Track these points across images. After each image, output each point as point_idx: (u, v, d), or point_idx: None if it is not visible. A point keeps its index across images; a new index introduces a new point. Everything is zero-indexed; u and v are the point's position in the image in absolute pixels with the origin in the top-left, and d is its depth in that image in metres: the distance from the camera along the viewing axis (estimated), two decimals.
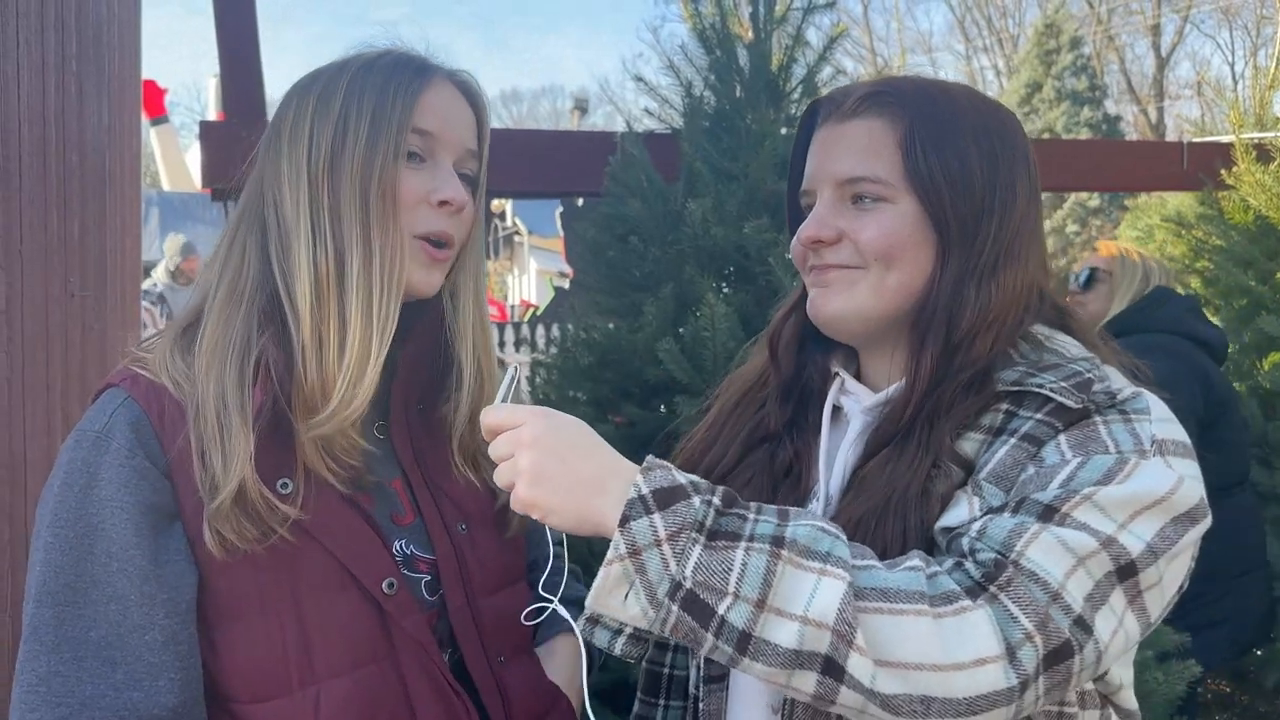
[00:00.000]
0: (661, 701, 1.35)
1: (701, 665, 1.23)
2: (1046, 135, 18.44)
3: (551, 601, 1.06)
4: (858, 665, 0.88)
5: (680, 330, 2.36)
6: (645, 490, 0.93)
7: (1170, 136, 22.21)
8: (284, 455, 1.09)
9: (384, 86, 1.14)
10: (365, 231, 1.11)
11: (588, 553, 1.85)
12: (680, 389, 2.28)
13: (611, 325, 2.63)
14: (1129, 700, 1.12)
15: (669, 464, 0.97)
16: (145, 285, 8.45)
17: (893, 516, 1.05)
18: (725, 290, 2.46)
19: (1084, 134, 19.18)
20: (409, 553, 1.17)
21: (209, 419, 1.06)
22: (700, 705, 1.22)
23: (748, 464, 1.22)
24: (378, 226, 1.11)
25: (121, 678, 1.02)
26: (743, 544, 0.91)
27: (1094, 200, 19.01)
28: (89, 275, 2.74)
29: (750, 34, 2.73)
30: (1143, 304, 3.05)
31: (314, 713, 1.08)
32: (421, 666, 1.13)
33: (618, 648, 0.97)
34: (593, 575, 0.94)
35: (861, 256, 1.13)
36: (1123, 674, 1.10)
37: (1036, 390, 1.06)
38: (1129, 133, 22.41)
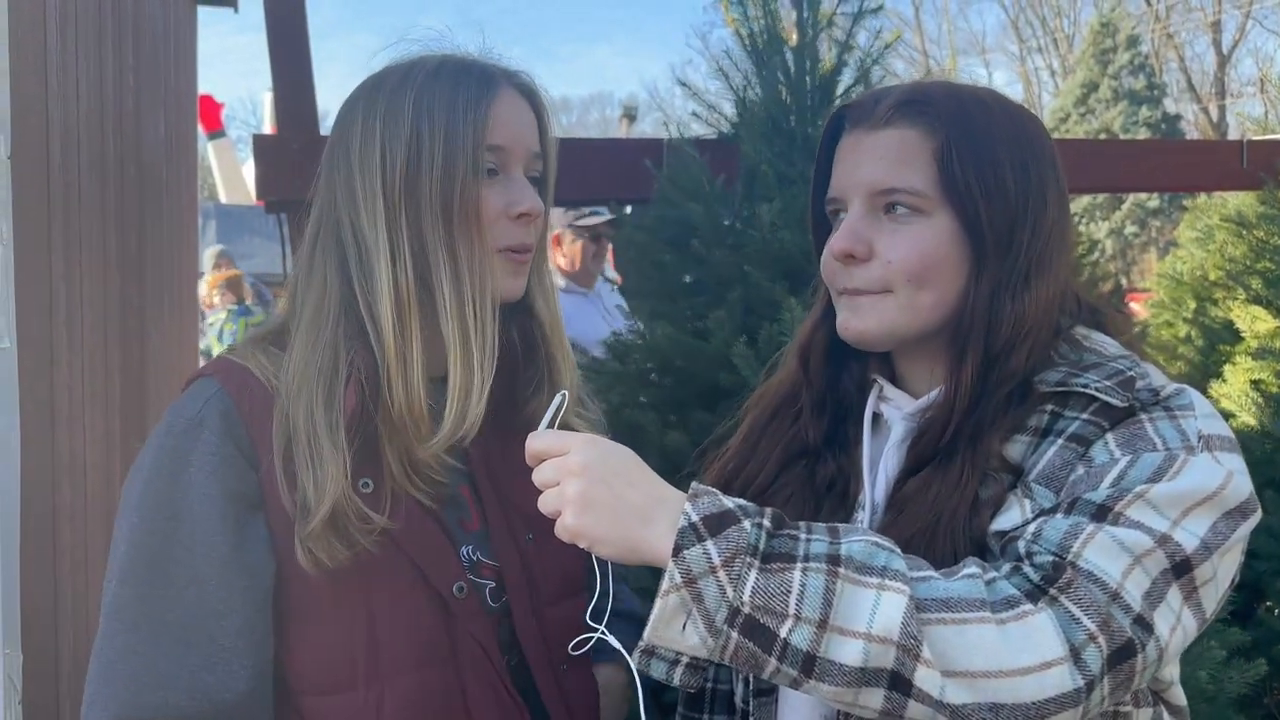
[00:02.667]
0: (705, 716, 1.33)
1: (751, 678, 1.22)
2: (1103, 135, 18.12)
3: (599, 630, 1.05)
4: (925, 678, 0.87)
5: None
6: (695, 517, 0.92)
7: (1233, 135, 21.72)
8: (367, 458, 1.11)
9: (453, 102, 1.13)
10: (451, 249, 1.12)
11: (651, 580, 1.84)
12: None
13: (660, 330, 2.62)
14: (1179, 696, 1.11)
15: (714, 490, 0.97)
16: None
17: (943, 537, 1.04)
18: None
19: (1142, 133, 18.83)
20: (475, 559, 1.18)
21: (300, 442, 1.08)
22: (751, 718, 1.21)
23: (786, 480, 1.21)
24: (463, 244, 1.12)
25: (196, 660, 1.05)
26: (799, 565, 0.91)
27: (1153, 201, 18.65)
28: (146, 286, 2.80)
29: (795, 38, 2.72)
30: None
31: (377, 710, 1.10)
32: (481, 671, 1.14)
33: (676, 678, 0.95)
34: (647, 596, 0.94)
35: (891, 278, 1.11)
36: (1172, 670, 1.09)
37: (1081, 390, 1.05)
38: (1189, 132, 21.97)
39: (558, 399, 1.07)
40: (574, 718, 1.20)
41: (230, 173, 14.82)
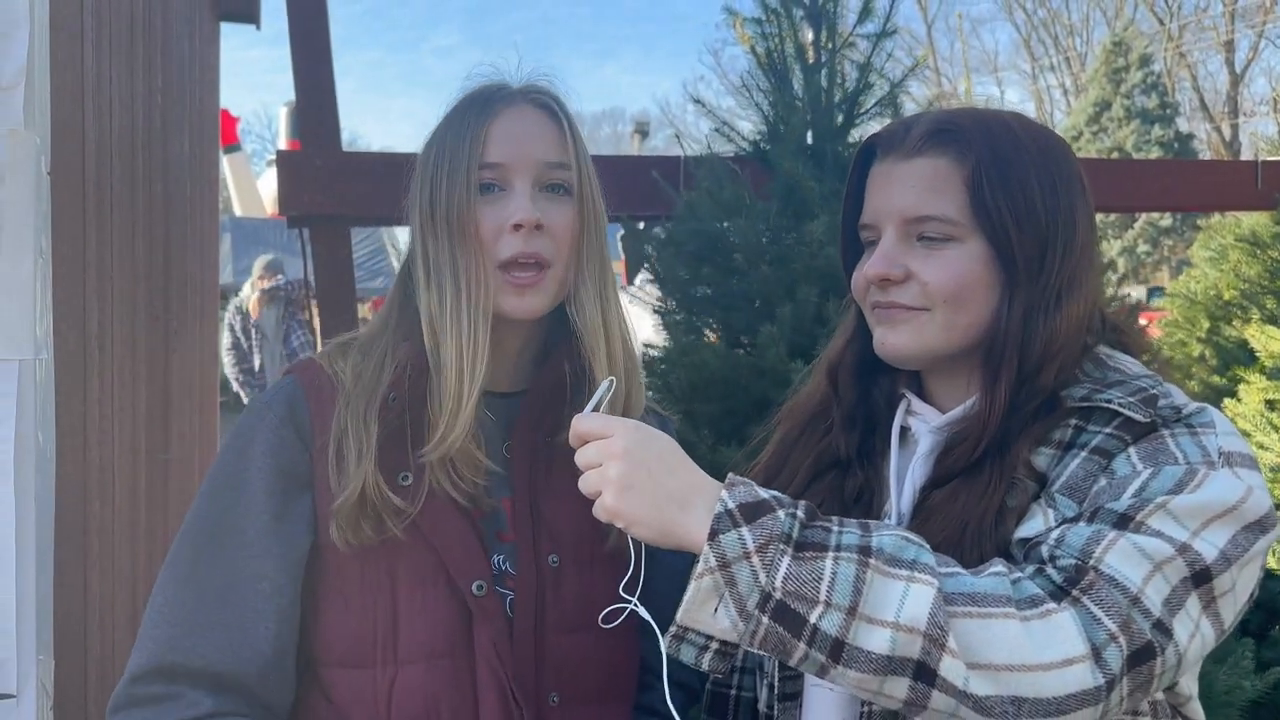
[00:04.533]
0: None
1: (775, 684, 1.24)
2: (1116, 154, 18.11)
3: (630, 601, 1.08)
4: (950, 668, 0.90)
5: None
6: (731, 505, 0.96)
7: (1245, 154, 21.68)
8: (408, 451, 1.19)
9: (459, 128, 1.23)
10: (454, 267, 1.20)
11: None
12: None
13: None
14: (1197, 712, 1.13)
15: (750, 481, 1.00)
16: (234, 302, 8.76)
17: (969, 544, 1.07)
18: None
19: (1155, 152, 18.80)
20: (503, 569, 1.22)
21: (347, 431, 1.19)
22: None
23: (815, 491, 1.23)
24: (463, 260, 1.20)
25: (229, 616, 1.16)
26: (830, 554, 0.94)
27: (1166, 220, 18.62)
28: (171, 300, 2.84)
29: (813, 57, 2.75)
30: None
31: (388, 689, 1.17)
32: (492, 673, 1.18)
33: (704, 663, 0.98)
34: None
35: (928, 298, 1.14)
36: (1190, 685, 1.11)
37: (1105, 405, 1.08)
38: (1202, 151, 21.92)
39: (605, 384, 1.12)
40: None
41: (245, 186, 14.93)
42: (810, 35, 2.74)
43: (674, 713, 1.09)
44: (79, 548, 1.85)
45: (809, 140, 2.68)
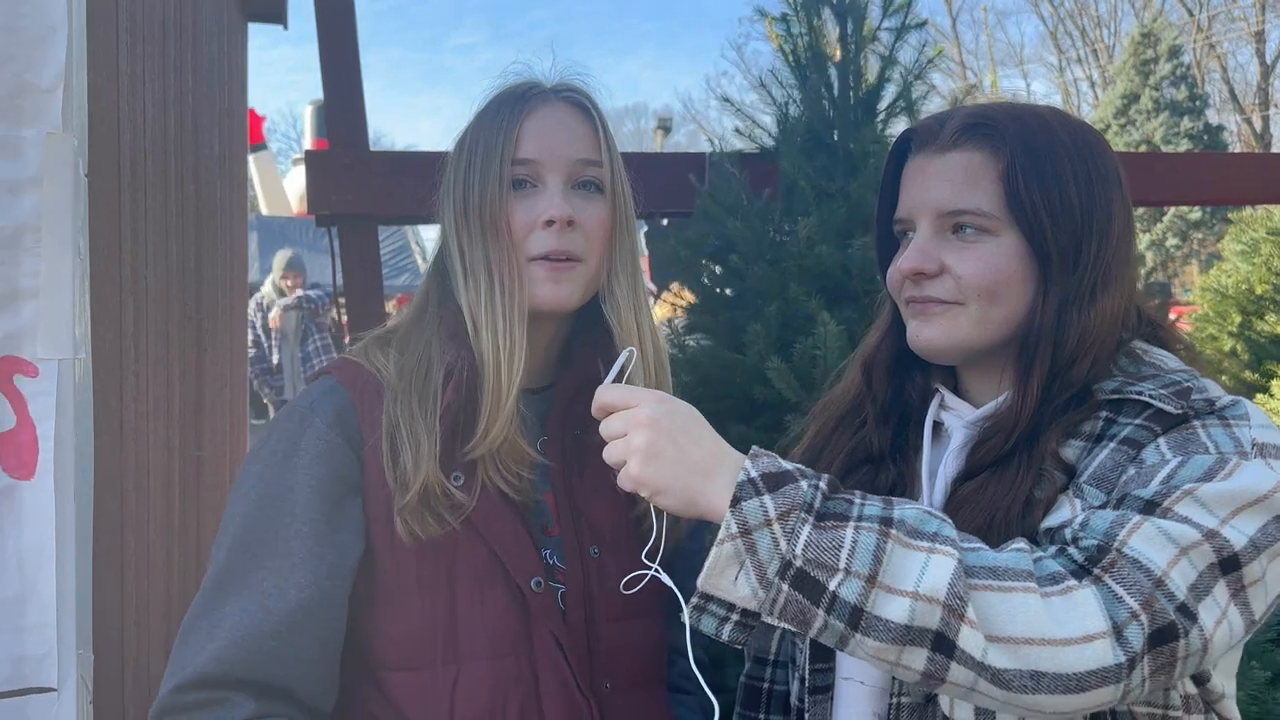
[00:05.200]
0: (761, 715, 1.37)
1: (806, 676, 1.24)
2: (1144, 147, 17.93)
3: (651, 567, 1.09)
4: (969, 639, 0.90)
5: (790, 349, 2.36)
6: (754, 474, 0.96)
7: (1277, 146, 21.41)
8: (460, 453, 1.20)
9: (491, 124, 1.25)
10: (488, 261, 1.21)
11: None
12: (790, 408, 2.29)
13: (698, 343, 2.64)
14: (1232, 711, 1.12)
15: (774, 453, 1.00)
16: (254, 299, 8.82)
17: (996, 533, 1.06)
18: (830, 309, 2.46)
19: (1184, 145, 18.61)
20: (552, 563, 1.23)
21: (400, 427, 1.19)
22: (806, 716, 1.24)
23: (848, 485, 1.24)
24: (496, 255, 1.21)
25: (271, 628, 1.15)
26: (851, 524, 0.94)
27: (1195, 213, 18.42)
28: (203, 299, 2.87)
29: (839, 53, 2.74)
30: None
31: (451, 689, 1.17)
32: (554, 666, 1.19)
33: (725, 634, 0.98)
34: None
35: (963, 292, 1.14)
36: (1225, 684, 1.10)
37: (1135, 397, 1.08)
38: (1232, 143, 21.66)
39: (625, 353, 1.13)
40: None
41: (271, 186, 15.02)
42: (836, 31, 2.73)
43: (704, 684, 1.10)
44: (115, 544, 1.87)
45: (834, 138, 2.67)
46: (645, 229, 3.85)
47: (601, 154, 1.26)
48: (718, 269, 2.69)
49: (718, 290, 2.71)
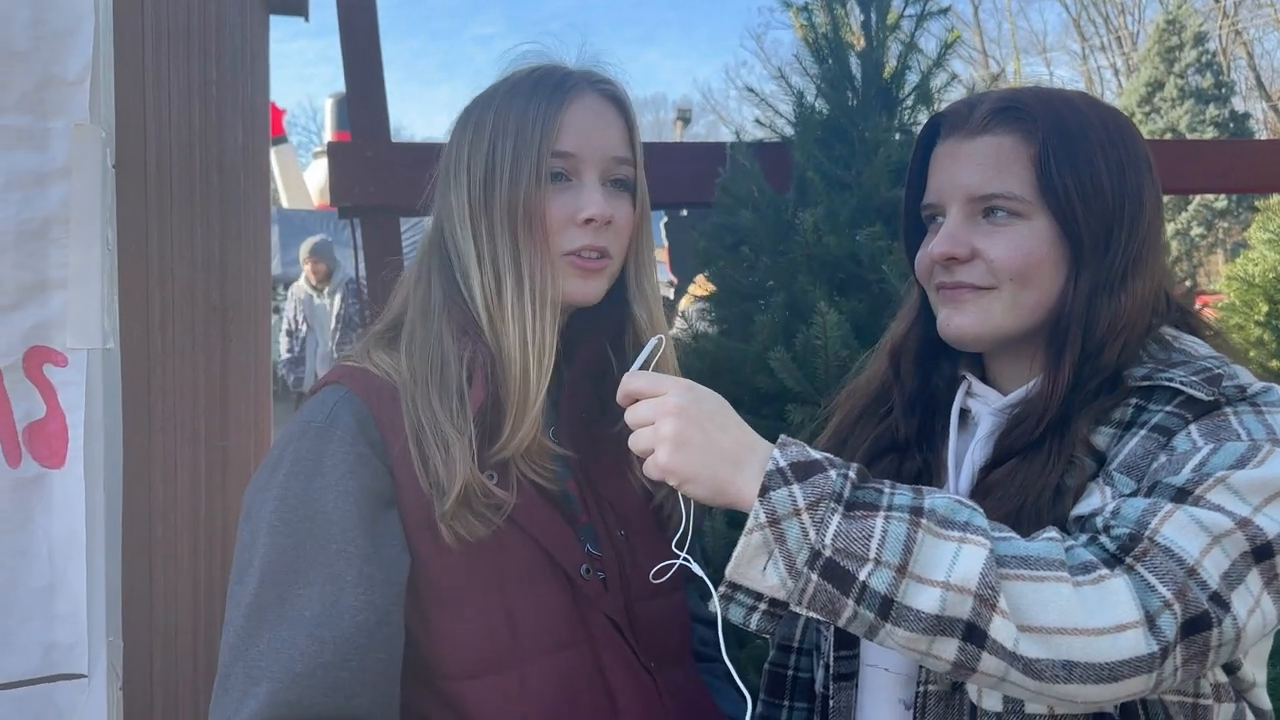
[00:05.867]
0: (786, 703, 1.37)
1: (831, 663, 1.24)
2: (1169, 135, 17.74)
3: (682, 556, 1.09)
4: (1001, 629, 0.89)
5: (793, 339, 2.36)
6: (783, 463, 0.95)
7: None
8: (492, 445, 1.16)
9: (525, 111, 1.18)
10: (516, 255, 1.16)
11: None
12: (792, 397, 2.29)
13: (718, 333, 2.65)
14: (1263, 699, 1.11)
15: (802, 442, 1.00)
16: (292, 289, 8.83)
17: (1026, 521, 1.06)
18: (838, 299, 2.46)
19: (1209, 133, 18.40)
20: (589, 550, 1.22)
21: (426, 430, 1.13)
22: (830, 703, 1.24)
23: (874, 473, 1.23)
24: (526, 249, 1.16)
25: (330, 657, 1.07)
26: (881, 513, 0.93)
27: (1220, 202, 18.22)
28: (227, 289, 2.89)
29: (862, 42, 2.73)
30: None
31: (520, 690, 1.14)
32: (616, 649, 1.18)
33: (753, 623, 0.98)
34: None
35: (995, 276, 1.13)
36: (1256, 672, 1.09)
37: (1166, 384, 1.07)
38: (1258, 130, 21.40)
39: (653, 342, 1.12)
40: (660, 706, 1.21)
41: (292, 178, 15.08)
42: (860, 19, 2.72)
43: (737, 679, 1.09)
44: (144, 533, 1.89)
45: (854, 126, 2.66)
46: (665, 220, 3.85)
47: (632, 152, 1.24)
48: (725, 262, 2.69)
49: (734, 281, 2.70)
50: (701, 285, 3.23)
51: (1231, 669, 1.06)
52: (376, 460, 1.13)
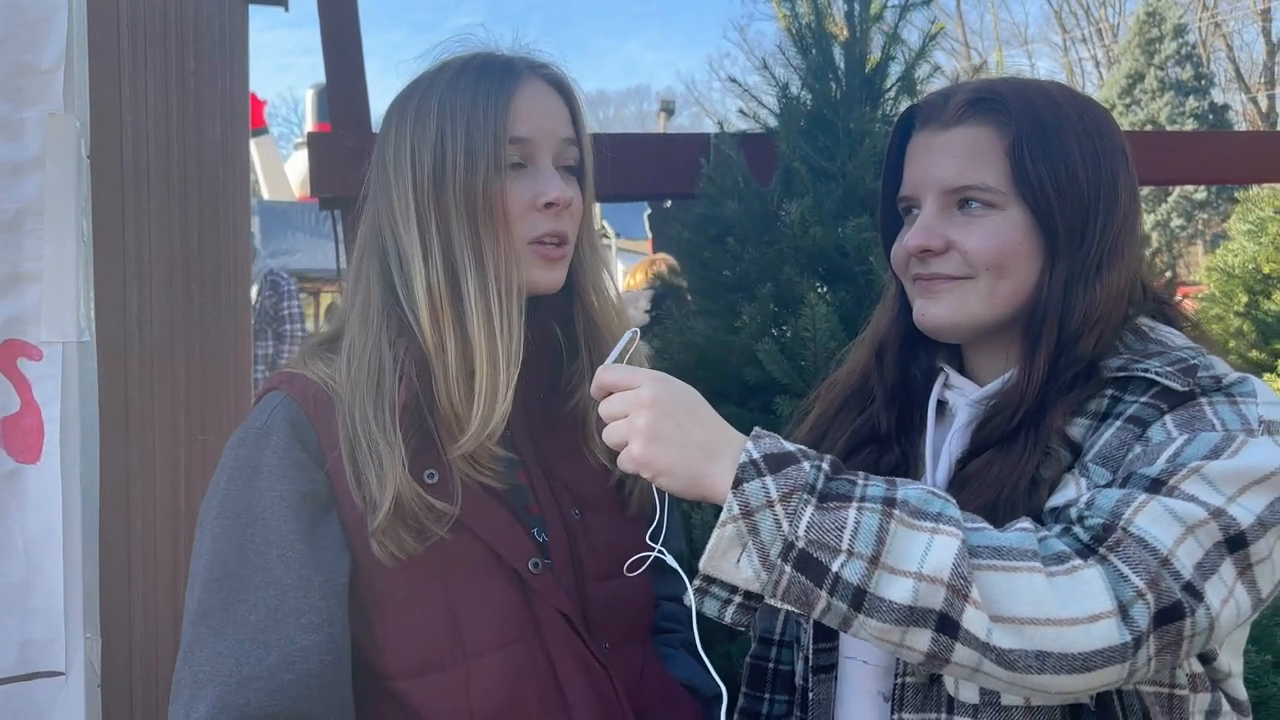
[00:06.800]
0: (767, 695, 1.37)
1: (810, 656, 1.24)
2: (1149, 127, 17.84)
3: (655, 548, 1.09)
4: (973, 619, 0.89)
5: (780, 330, 2.36)
6: (756, 455, 0.95)
7: None
8: (428, 450, 1.15)
9: (473, 99, 1.16)
10: (477, 247, 1.14)
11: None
12: (780, 389, 2.29)
13: (705, 326, 2.64)
14: (1238, 690, 1.11)
15: (776, 434, 1.00)
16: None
17: (1002, 512, 1.06)
18: (824, 290, 2.46)
19: (1189, 125, 18.52)
20: (542, 539, 1.21)
21: (360, 441, 1.13)
22: (810, 696, 1.24)
23: (851, 465, 1.23)
24: (489, 240, 1.15)
25: (275, 660, 1.08)
26: (854, 504, 0.93)
27: (1200, 193, 18.35)
28: (206, 282, 2.86)
29: (845, 33, 2.72)
30: None
31: (466, 687, 1.14)
32: (567, 642, 1.17)
33: (727, 616, 0.98)
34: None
35: (971, 266, 1.13)
36: (1231, 662, 1.10)
37: (1142, 375, 1.07)
38: (1238, 122, 21.55)
39: (627, 335, 1.11)
40: (613, 696, 1.21)
41: (272, 170, 14.98)
42: (843, 10, 2.71)
43: (711, 670, 1.09)
44: (122, 528, 1.87)
45: (838, 117, 2.66)
46: (649, 211, 3.85)
47: (577, 134, 1.23)
48: (710, 253, 2.68)
49: (719, 273, 2.70)
50: (649, 265, 3.19)
51: (1207, 659, 1.07)
52: (313, 464, 1.13)
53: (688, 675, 1.32)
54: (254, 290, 8.32)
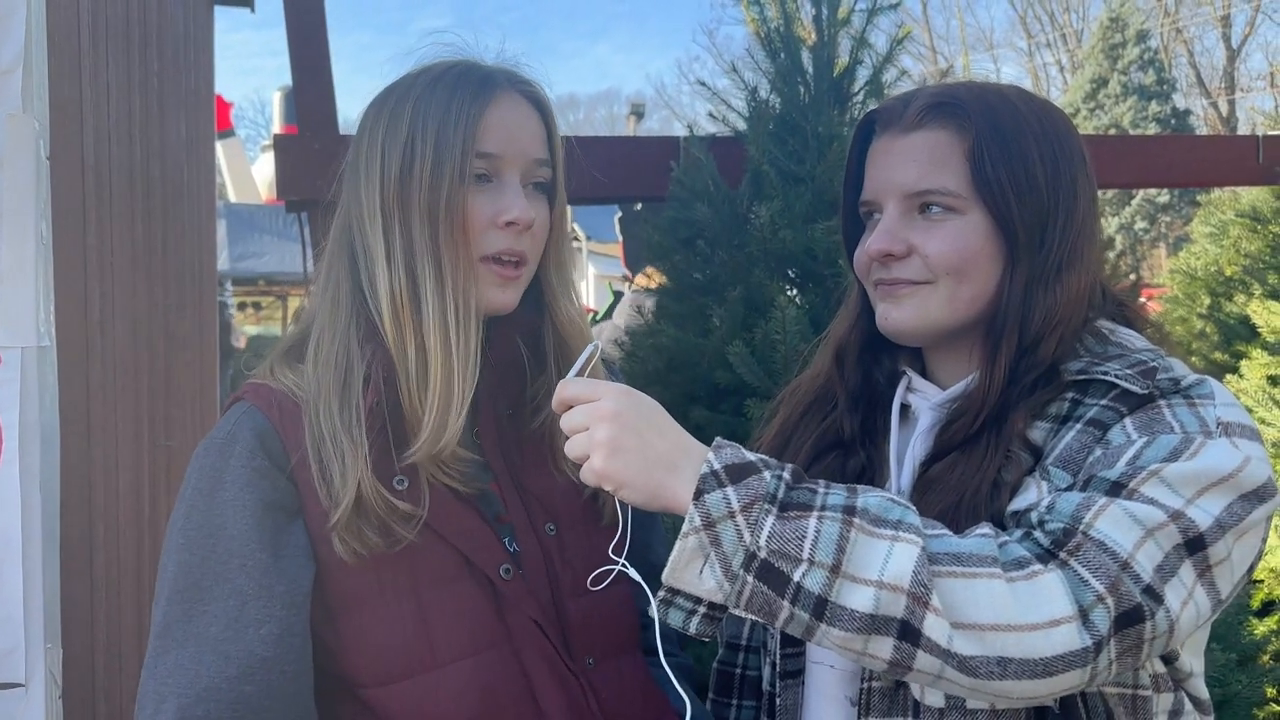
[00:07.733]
0: (734, 701, 1.36)
1: (777, 661, 1.24)
2: (1113, 131, 18.05)
3: (618, 562, 1.08)
4: (934, 627, 0.89)
5: (750, 333, 2.36)
6: (717, 466, 0.95)
7: (1243, 129, 21.63)
8: (398, 453, 1.13)
9: (447, 108, 1.15)
10: (436, 255, 1.14)
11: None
12: (750, 392, 2.29)
13: (675, 329, 2.64)
14: (1200, 689, 1.12)
15: (737, 444, 0.99)
16: None
17: (965, 515, 1.06)
18: (794, 293, 2.46)
19: (1152, 129, 18.77)
20: (514, 549, 1.20)
21: (325, 440, 1.12)
22: (777, 701, 1.24)
23: (816, 471, 1.23)
24: (447, 250, 1.14)
25: (235, 671, 1.07)
26: (815, 513, 0.93)
27: (1163, 196, 18.60)
28: (170, 285, 2.83)
29: (813, 37, 2.74)
30: None
31: (436, 695, 1.12)
32: (539, 650, 1.16)
33: (692, 627, 0.98)
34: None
35: (932, 270, 1.14)
36: (1193, 662, 1.11)
37: (1101, 378, 1.08)
38: (1199, 127, 21.87)
39: (589, 348, 1.10)
40: (603, 711, 1.19)
41: (239, 172, 14.87)
42: (811, 12, 2.73)
43: (675, 682, 1.08)
44: (84, 535, 1.84)
45: (806, 120, 2.67)
46: (619, 214, 3.84)
47: (551, 155, 1.22)
48: (680, 256, 2.68)
49: (690, 275, 2.70)
50: (650, 276, 3.20)
51: (1169, 659, 1.08)
52: (277, 471, 1.12)
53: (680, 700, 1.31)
54: None
